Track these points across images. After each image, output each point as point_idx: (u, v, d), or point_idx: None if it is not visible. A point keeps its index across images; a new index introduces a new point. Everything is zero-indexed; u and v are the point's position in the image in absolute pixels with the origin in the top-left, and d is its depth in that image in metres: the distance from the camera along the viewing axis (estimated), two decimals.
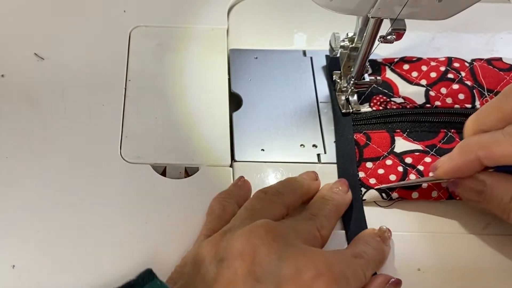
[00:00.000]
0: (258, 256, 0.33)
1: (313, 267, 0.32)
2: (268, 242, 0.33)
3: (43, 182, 0.43)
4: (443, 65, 0.48)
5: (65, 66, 0.49)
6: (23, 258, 0.39)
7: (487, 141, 0.38)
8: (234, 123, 0.47)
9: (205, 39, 0.52)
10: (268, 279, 0.31)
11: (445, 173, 0.40)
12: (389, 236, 0.40)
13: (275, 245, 0.33)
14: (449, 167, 0.40)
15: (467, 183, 0.40)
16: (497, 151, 0.37)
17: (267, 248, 0.33)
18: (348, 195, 0.42)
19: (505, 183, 0.38)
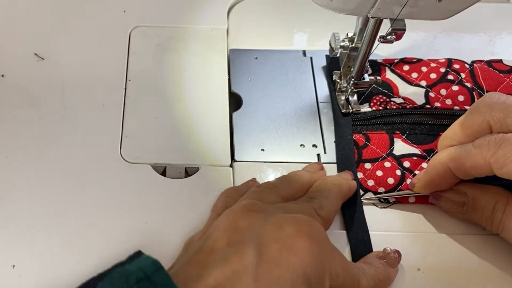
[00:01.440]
0: (239, 226, 0.33)
1: (295, 225, 0.31)
2: (249, 215, 0.33)
3: (43, 182, 0.43)
4: (443, 67, 0.48)
5: (65, 66, 0.49)
6: (23, 258, 0.39)
7: (457, 153, 0.38)
8: (234, 123, 0.47)
9: (205, 39, 0.52)
10: (249, 240, 0.31)
11: (422, 188, 0.41)
12: (397, 259, 0.39)
13: (256, 216, 0.33)
14: (425, 181, 0.41)
15: (449, 196, 0.40)
16: (467, 163, 0.38)
17: (248, 219, 0.33)
18: (353, 182, 0.42)
19: (486, 194, 0.39)
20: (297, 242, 0.31)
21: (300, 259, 0.30)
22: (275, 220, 0.32)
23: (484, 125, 0.38)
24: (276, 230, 0.31)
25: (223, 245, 0.32)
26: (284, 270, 0.30)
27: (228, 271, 0.30)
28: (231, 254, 0.31)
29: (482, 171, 0.37)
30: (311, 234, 0.31)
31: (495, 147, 0.36)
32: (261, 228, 0.32)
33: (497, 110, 0.37)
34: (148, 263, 0.30)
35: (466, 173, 0.38)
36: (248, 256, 0.30)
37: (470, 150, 0.37)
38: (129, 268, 0.30)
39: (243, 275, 0.30)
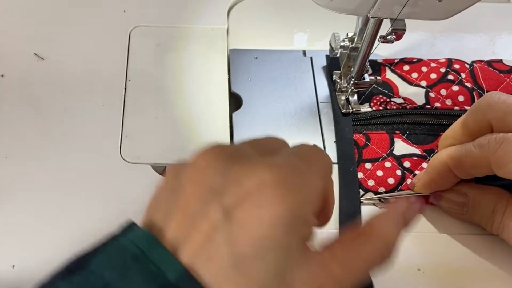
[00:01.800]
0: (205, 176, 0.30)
1: (254, 175, 0.29)
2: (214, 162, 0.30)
3: (43, 182, 0.43)
4: (443, 67, 0.48)
5: (65, 66, 0.49)
6: (23, 258, 0.39)
7: (457, 153, 0.38)
8: (234, 123, 0.47)
9: (205, 39, 0.52)
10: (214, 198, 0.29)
11: (422, 187, 0.41)
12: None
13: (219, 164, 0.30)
14: (425, 181, 0.41)
15: (449, 196, 0.40)
16: (468, 162, 0.38)
17: (212, 169, 0.30)
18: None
19: (486, 195, 0.39)
20: (262, 194, 0.28)
21: (272, 211, 0.28)
22: (235, 172, 0.29)
23: (485, 124, 0.38)
24: (237, 186, 0.29)
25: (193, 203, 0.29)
26: (258, 227, 0.28)
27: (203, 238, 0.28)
28: (200, 216, 0.29)
29: (482, 171, 0.37)
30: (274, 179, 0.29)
31: (495, 146, 0.36)
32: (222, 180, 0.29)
33: (498, 109, 0.38)
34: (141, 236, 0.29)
35: (467, 173, 0.38)
36: (216, 218, 0.28)
37: (470, 149, 0.37)
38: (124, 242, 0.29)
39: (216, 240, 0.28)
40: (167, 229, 0.30)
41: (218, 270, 0.27)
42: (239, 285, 0.27)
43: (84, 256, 0.29)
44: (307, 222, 0.30)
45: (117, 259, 0.28)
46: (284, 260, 0.28)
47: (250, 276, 0.28)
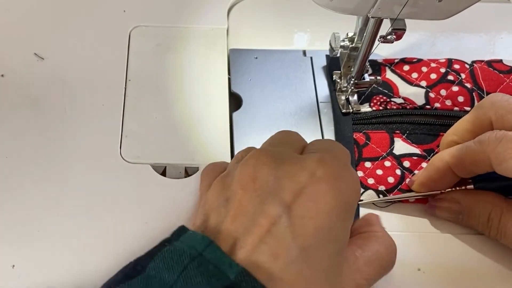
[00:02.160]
0: (256, 182, 0.31)
1: (307, 172, 0.31)
2: (261, 167, 0.32)
3: (43, 182, 0.43)
4: (443, 67, 0.48)
5: (65, 66, 0.49)
6: (23, 258, 0.39)
7: (458, 151, 0.39)
8: (234, 123, 0.47)
9: (205, 39, 0.52)
10: (270, 197, 0.30)
11: (420, 185, 0.41)
12: None
13: (268, 166, 0.32)
14: (423, 178, 0.41)
15: (443, 205, 0.41)
16: (468, 158, 0.38)
17: (262, 172, 0.32)
18: None
19: (480, 203, 0.39)
20: (317, 188, 0.30)
21: (327, 203, 0.30)
22: (287, 170, 0.31)
23: (486, 122, 0.39)
24: (294, 184, 0.31)
25: (246, 206, 0.31)
26: (318, 219, 0.30)
27: (263, 235, 0.29)
28: (258, 216, 0.30)
29: (481, 167, 0.37)
30: (326, 174, 0.31)
31: (495, 142, 0.36)
32: (277, 181, 0.31)
33: (500, 107, 0.38)
34: (197, 239, 0.29)
35: (466, 170, 0.38)
36: (276, 215, 0.30)
37: (470, 146, 0.38)
38: (179, 246, 0.29)
39: (280, 236, 0.29)
40: (223, 230, 0.31)
41: (285, 264, 0.28)
42: (306, 276, 0.28)
43: (139, 261, 0.30)
44: (353, 210, 0.32)
45: (175, 261, 0.28)
46: (340, 248, 0.31)
47: (316, 265, 0.29)
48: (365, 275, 0.32)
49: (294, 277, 0.28)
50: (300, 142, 0.37)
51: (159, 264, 0.29)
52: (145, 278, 0.28)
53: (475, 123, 0.40)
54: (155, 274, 0.28)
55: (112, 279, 0.30)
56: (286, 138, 0.37)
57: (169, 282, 0.28)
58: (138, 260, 0.30)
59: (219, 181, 0.35)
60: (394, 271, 0.39)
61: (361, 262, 0.32)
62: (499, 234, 0.38)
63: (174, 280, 0.28)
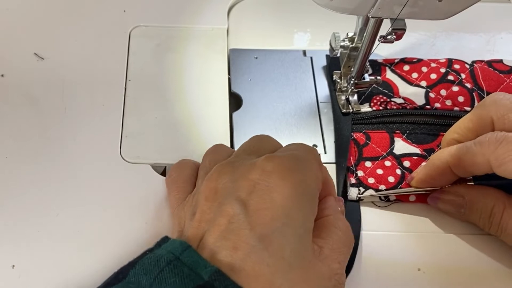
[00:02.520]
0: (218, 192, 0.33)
1: (259, 169, 0.33)
2: (221, 178, 0.34)
3: (43, 182, 0.43)
4: (443, 67, 0.48)
5: (65, 66, 0.49)
6: (23, 258, 0.39)
7: (458, 150, 0.39)
8: (234, 123, 0.47)
9: (205, 39, 0.52)
10: (227, 199, 0.32)
11: (419, 182, 0.42)
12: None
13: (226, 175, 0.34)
14: (422, 176, 0.41)
15: (447, 197, 0.41)
16: (467, 159, 0.38)
17: (222, 182, 0.34)
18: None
19: (483, 198, 0.39)
20: (269, 182, 0.32)
21: (281, 194, 0.32)
22: (241, 172, 0.33)
23: (488, 120, 0.39)
24: (247, 181, 0.32)
25: (208, 212, 0.33)
26: (273, 209, 0.31)
27: (222, 231, 0.31)
28: (217, 216, 0.32)
29: (481, 168, 0.37)
30: (277, 168, 0.33)
31: (495, 144, 0.36)
32: (234, 184, 0.33)
33: (501, 106, 0.38)
34: (175, 245, 0.31)
35: (466, 170, 0.39)
36: (232, 211, 0.31)
37: (470, 147, 0.38)
38: (159, 252, 0.31)
39: (238, 229, 0.31)
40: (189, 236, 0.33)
41: (246, 254, 0.30)
42: (267, 263, 0.29)
43: (122, 270, 0.31)
44: (314, 197, 0.34)
45: (153, 266, 0.30)
46: (303, 237, 0.32)
47: (277, 252, 0.30)
48: (335, 259, 0.33)
49: (255, 265, 0.29)
50: (274, 147, 0.39)
51: (138, 270, 0.30)
52: (124, 285, 0.30)
53: (477, 122, 0.40)
54: (134, 280, 0.30)
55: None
56: (259, 143, 0.39)
57: (146, 285, 0.29)
58: (120, 269, 0.31)
59: (188, 201, 0.37)
60: (394, 271, 0.39)
61: (326, 250, 0.33)
62: (500, 229, 0.38)
63: (150, 283, 0.29)
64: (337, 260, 0.33)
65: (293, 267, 0.30)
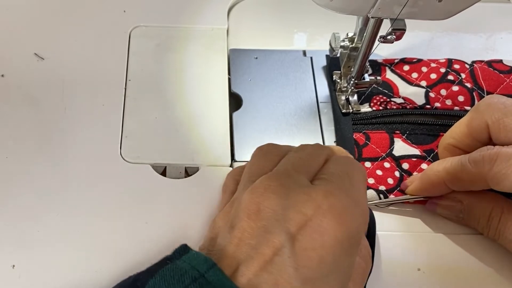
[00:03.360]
0: (263, 211, 0.31)
1: (315, 205, 0.31)
2: (269, 196, 0.32)
3: (43, 182, 0.43)
4: (443, 67, 0.48)
5: (65, 66, 0.49)
6: (23, 258, 0.39)
7: (453, 168, 0.39)
8: (234, 123, 0.47)
9: (205, 39, 0.52)
10: (275, 227, 0.30)
11: (413, 192, 0.42)
12: None
13: (275, 196, 0.32)
14: (417, 188, 0.42)
15: (445, 203, 0.41)
16: (464, 179, 0.38)
17: (269, 202, 0.31)
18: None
19: (482, 203, 0.39)
20: (324, 222, 0.30)
21: (333, 237, 0.30)
22: (294, 202, 0.31)
23: (482, 125, 0.39)
24: (300, 215, 0.31)
25: (250, 234, 0.31)
26: (321, 252, 0.30)
27: (265, 264, 0.29)
28: (261, 244, 0.30)
29: (479, 186, 0.38)
30: (333, 208, 0.31)
31: (490, 163, 0.36)
32: (284, 212, 0.31)
33: (496, 110, 0.38)
34: (200, 260, 0.29)
35: (463, 187, 0.39)
36: (279, 244, 0.30)
37: (465, 165, 0.38)
38: (181, 265, 0.29)
39: (281, 265, 0.29)
40: (227, 255, 0.31)
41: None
42: None
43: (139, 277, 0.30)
44: (359, 242, 0.32)
45: (176, 280, 0.28)
46: (344, 280, 0.31)
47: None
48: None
49: None
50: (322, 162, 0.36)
51: (159, 281, 0.29)
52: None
53: (472, 126, 0.40)
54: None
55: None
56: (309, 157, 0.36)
57: None
58: (137, 276, 0.30)
59: (228, 206, 0.36)
60: (394, 271, 0.39)
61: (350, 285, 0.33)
62: (497, 233, 0.39)
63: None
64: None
65: None
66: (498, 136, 0.38)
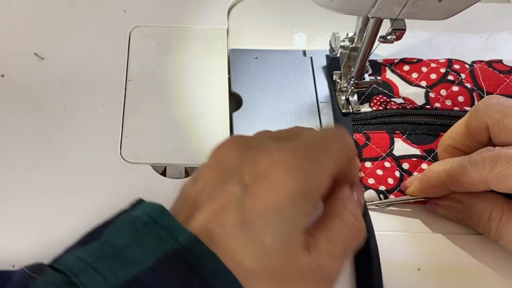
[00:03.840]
0: (223, 162, 0.33)
1: (268, 158, 0.32)
2: (231, 151, 0.33)
3: (43, 182, 0.43)
4: (443, 67, 0.48)
5: (65, 66, 0.49)
6: (23, 258, 0.39)
7: (453, 170, 0.39)
8: (234, 123, 0.47)
9: (205, 39, 0.52)
10: (231, 177, 0.32)
11: (413, 193, 0.42)
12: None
13: (237, 150, 0.33)
14: (416, 189, 0.42)
15: (445, 203, 0.41)
16: (464, 180, 0.38)
17: (230, 155, 0.33)
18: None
19: (482, 203, 0.39)
20: (273, 173, 0.32)
21: (280, 187, 0.31)
22: (252, 156, 0.33)
23: (482, 126, 0.39)
24: (254, 166, 0.32)
25: (209, 184, 0.33)
26: (266, 200, 0.31)
27: (216, 208, 0.31)
28: (217, 191, 0.32)
29: (479, 187, 0.38)
30: (285, 161, 0.32)
31: (490, 165, 0.36)
32: (241, 163, 0.33)
33: (495, 111, 0.38)
34: (153, 208, 0.31)
35: (463, 189, 0.39)
36: (232, 191, 0.31)
37: (466, 166, 0.38)
38: (134, 214, 0.31)
39: (229, 209, 0.31)
40: (186, 203, 0.32)
41: (229, 234, 0.30)
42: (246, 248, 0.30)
43: (96, 230, 0.31)
44: (312, 200, 0.33)
45: (128, 227, 0.30)
46: (288, 231, 0.31)
47: (258, 240, 0.30)
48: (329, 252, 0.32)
49: (233, 245, 0.30)
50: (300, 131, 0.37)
51: (113, 230, 0.30)
52: (99, 243, 0.30)
53: (471, 128, 0.40)
54: (109, 240, 0.30)
55: (68, 247, 0.31)
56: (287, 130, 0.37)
57: (121, 246, 0.29)
58: (94, 228, 0.31)
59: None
60: (394, 271, 0.39)
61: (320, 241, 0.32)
62: (498, 234, 0.39)
63: (126, 244, 0.29)
64: (330, 254, 0.32)
65: (270, 254, 0.30)
66: (498, 137, 0.38)
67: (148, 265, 0.28)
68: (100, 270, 0.28)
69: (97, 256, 0.29)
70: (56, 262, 0.29)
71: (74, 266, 0.28)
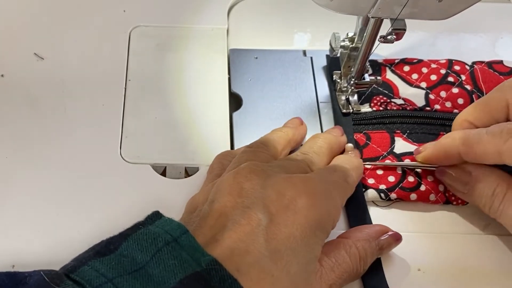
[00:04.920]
0: (244, 189, 0.34)
1: (294, 187, 0.34)
2: (251, 178, 0.34)
3: (43, 182, 0.43)
4: (443, 68, 0.48)
5: (65, 66, 0.49)
6: (23, 258, 0.39)
7: (470, 138, 0.39)
8: (234, 123, 0.47)
9: (205, 39, 0.52)
10: (255, 204, 0.33)
11: (425, 159, 0.42)
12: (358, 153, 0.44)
13: (258, 178, 0.35)
14: (430, 155, 0.42)
15: (453, 172, 0.41)
16: (478, 149, 0.38)
17: (251, 182, 0.34)
18: (342, 137, 0.43)
19: (489, 176, 0.39)
20: (298, 202, 0.33)
21: (304, 217, 0.33)
22: (275, 184, 0.34)
23: (503, 103, 0.39)
24: (279, 195, 0.33)
25: (230, 208, 0.33)
26: (292, 228, 0.32)
27: (241, 234, 0.31)
28: (240, 217, 0.32)
29: (491, 159, 0.37)
30: (309, 191, 0.34)
31: (507, 135, 0.36)
32: (264, 191, 0.34)
33: None
34: (173, 226, 0.31)
35: (475, 159, 0.39)
36: (257, 219, 0.32)
37: (482, 136, 0.38)
38: (154, 230, 0.30)
39: (255, 236, 0.31)
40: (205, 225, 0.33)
41: (255, 261, 0.30)
42: (271, 275, 0.30)
43: (112, 241, 0.31)
44: (328, 231, 0.35)
45: (149, 244, 0.30)
46: (310, 261, 0.33)
47: (283, 268, 0.31)
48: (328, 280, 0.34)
49: (261, 273, 0.30)
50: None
51: (132, 244, 0.30)
52: (117, 256, 0.29)
53: (492, 105, 0.40)
54: (128, 254, 0.29)
55: (83, 255, 0.31)
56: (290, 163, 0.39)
57: (141, 263, 0.29)
58: (110, 239, 0.31)
59: (210, 185, 0.37)
60: (394, 271, 0.39)
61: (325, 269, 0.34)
62: (499, 212, 0.38)
63: (146, 261, 0.29)
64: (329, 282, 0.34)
65: (295, 284, 0.31)
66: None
67: (170, 286, 0.28)
68: (120, 286, 0.28)
69: (116, 271, 0.28)
70: (74, 273, 0.29)
71: (92, 279, 0.28)
